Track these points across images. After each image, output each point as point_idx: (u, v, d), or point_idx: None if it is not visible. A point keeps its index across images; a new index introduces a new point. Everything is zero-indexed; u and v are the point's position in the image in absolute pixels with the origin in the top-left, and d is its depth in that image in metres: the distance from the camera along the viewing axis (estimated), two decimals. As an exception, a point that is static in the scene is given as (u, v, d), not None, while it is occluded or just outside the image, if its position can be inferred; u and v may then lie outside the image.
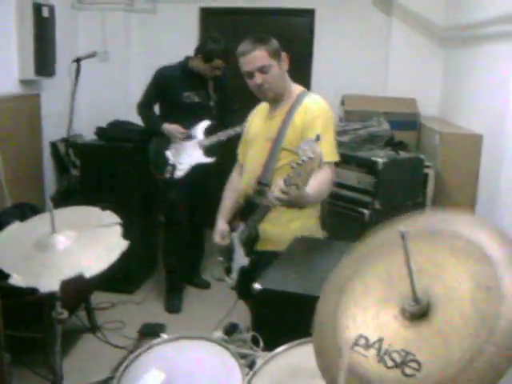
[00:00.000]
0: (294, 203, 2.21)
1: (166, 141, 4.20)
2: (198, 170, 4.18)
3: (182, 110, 4.19)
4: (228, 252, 2.72)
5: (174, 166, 4.16)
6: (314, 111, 2.48)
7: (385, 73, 5.26)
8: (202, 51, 4.08)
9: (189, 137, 4.18)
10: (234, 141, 2.96)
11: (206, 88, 4.24)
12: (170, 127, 4.14)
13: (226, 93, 4.34)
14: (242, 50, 2.49)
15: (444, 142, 4.20)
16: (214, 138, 4.17)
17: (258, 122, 2.73)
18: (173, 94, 4.17)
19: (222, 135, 4.15)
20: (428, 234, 1.22)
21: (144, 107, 4.28)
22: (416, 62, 5.16)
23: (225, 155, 4.23)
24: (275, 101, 2.60)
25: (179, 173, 4.15)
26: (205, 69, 4.12)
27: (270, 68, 2.47)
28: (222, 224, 2.79)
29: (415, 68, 5.15)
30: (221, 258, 2.79)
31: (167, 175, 4.16)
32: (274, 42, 2.52)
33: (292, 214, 2.48)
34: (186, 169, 4.16)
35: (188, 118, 4.18)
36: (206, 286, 4.73)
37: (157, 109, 4.38)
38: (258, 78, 2.47)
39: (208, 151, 4.20)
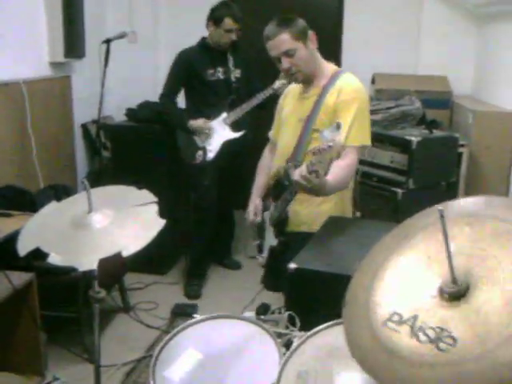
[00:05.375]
0: (314, 191, 2.14)
1: None
2: (228, 148, 4.17)
3: (207, 89, 4.16)
4: (261, 230, 2.71)
5: (204, 149, 4.15)
6: (347, 94, 2.42)
7: (416, 50, 5.19)
8: (212, 16, 4.04)
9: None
10: (264, 118, 2.93)
11: (226, 63, 4.18)
12: (195, 124, 4.12)
13: (249, 69, 4.28)
14: (267, 35, 2.44)
15: (478, 120, 4.14)
16: (239, 112, 4.14)
17: (290, 102, 2.69)
18: (197, 74, 4.12)
19: (245, 107, 4.12)
20: (469, 216, 1.21)
21: (168, 99, 4.21)
22: (448, 38, 5.07)
23: (255, 133, 4.23)
24: (307, 81, 2.55)
25: (210, 154, 4.14)
26: (219, 35, 4.04)
27: (296, 51, 2.41)
28: (255, 200, 2.78)
29: (447, 45, 5.07)
30: (253, 236, 2.79)
31: (199, 160, 4.14)
32: (300, 23, 2.45)
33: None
34: (217, 149, 4.15)
35: (213, 96, 4.17)
36: (236, 267, 4.73)
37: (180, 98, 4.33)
38: (285, 63, 2.43)
39: (235, 126, 4.18)
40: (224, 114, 4.16)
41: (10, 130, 3.92)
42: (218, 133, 4.16)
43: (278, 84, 3.93)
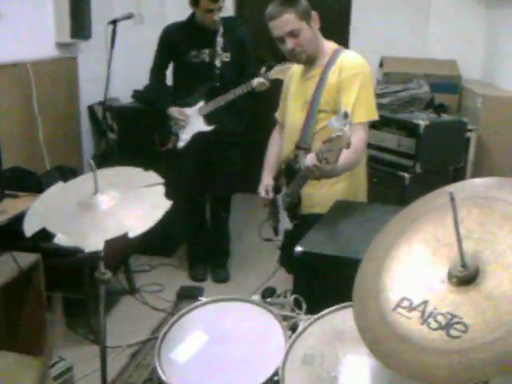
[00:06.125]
0: (324, 177, 2.18)
1: None
2: (199, 139, 3.95)
3: (189, 72, 3.92)
4: (275, 213, 2.72)
5: (177, 136, 3.99)
6: (349, 70, 2.40)
7: (425, 34, 5.12)
8: None
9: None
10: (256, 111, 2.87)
11: (213, 45, 3.87)
12: (172, 113, 3.92)
13: (243, 52, 4.00)
14: (270, 14, 2.40)
15: (486, 105, 4.09)
16: (212, 105, 3.88)
17: (294, 84, 2.67)
18: (179, 54, 3.89)
19: (220, 100, 3.86)
20: (479, 200, 1.20)
21: (156, 75, 4.04)
22: (458, 22, 4.99)
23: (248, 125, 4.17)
24: (309, 62, 2.53)
25: (181, 143, 3.97)
26: (201, 17, 3.74)
27: (301, 31, 2.38)
28: (266, 178, 2.77)
29: (457, 29, 5.00)
30: (268, 218, 2.79)
31: (170, 146, 3.99)
32: (303, 3, 2.41)
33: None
34: (187, 139, 3.96)
35: (195, 80, 3.90)
36: (222, 280, 4.25)
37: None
38: (289, 43, 2.40)
39: (208, 118, 3.92)
40: (201, 103, 3.92)
41: (17, 110, 3.91)
42: (192, 123, 3.94)
43: (256, 82, 3.74)
